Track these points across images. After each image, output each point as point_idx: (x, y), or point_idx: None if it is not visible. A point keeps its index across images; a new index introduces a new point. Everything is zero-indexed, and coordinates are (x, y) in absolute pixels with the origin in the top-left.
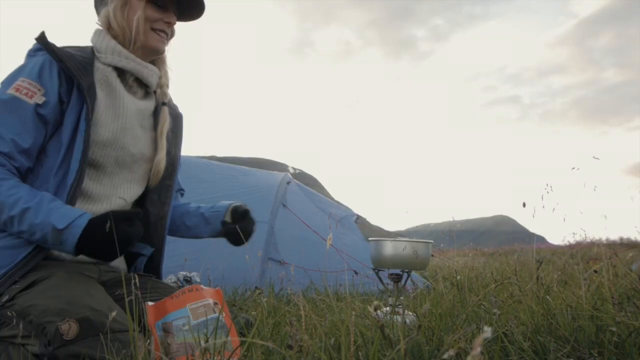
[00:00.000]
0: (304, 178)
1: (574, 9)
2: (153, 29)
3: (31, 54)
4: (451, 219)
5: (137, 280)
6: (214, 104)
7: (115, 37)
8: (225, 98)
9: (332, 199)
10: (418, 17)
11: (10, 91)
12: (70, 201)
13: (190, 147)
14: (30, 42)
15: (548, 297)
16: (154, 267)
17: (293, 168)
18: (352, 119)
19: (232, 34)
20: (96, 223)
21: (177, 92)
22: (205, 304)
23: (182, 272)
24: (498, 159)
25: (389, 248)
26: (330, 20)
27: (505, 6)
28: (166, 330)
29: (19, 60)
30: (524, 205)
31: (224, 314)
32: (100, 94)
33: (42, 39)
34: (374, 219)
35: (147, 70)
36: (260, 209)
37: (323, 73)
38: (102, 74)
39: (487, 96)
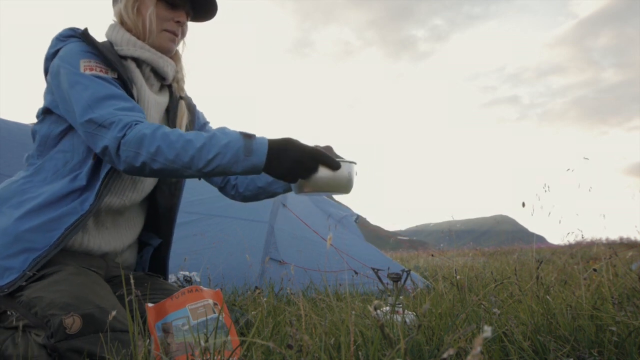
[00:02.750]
0: None
1: (574, 9)
2: (165, 30)
3: (61, 39)
4: (451, 219)
5: (132, 280)
6: (213, 104)
7: (129, 30)
8: (225, 98)
9: (332, 199)
10: (418, 17)
11: (85, 71)
12: (101, 194)
13: None
14: (28, 40)
15: (548, 297)
16: (161, 259)
17: None
18: (352, 119)
19: (232, 34)
20: (276, 138)
21: None
22: (205, 304)
23: (182, 272)
24: (498, 158)
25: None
26: (330, 20)
27: (505, 6)
28: (166, 330)
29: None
30: (524, 205)
31: (223, 314)
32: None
33: (86, 35)
34: (374, 219)
35: (162, 61)
36: (260, 209)
37: (323, 73)
38: (124, 65)
39: (487, 96)
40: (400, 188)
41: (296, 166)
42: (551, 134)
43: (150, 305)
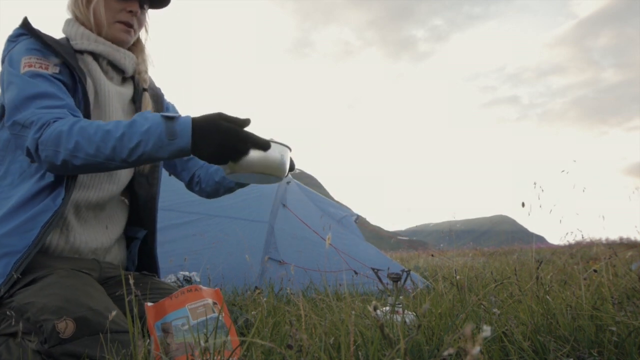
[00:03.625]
0: (303, 178)
1: (574, 9)
2: (118, 21)
3: (12, 39)
4: (451, 219)
5: (132, 280)
6: (213, 105)
7: (83, 24)
8: (226, 98)
9: (332, 198)
10: (418, 17)
11: (24, 69)
12: (69, 188)
13: None
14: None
15: (548, 297)
16: (148, 250)
17: None
18: (352, 119)
19: (232, 34)
20: (200, 117)
21: (178, 92)
22: (205, 304)
23: (182, 272)
24: (497, 158)
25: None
26: (330, 20)
27: (505, 6)
28: (165, 330)
29: None
30: (523, 205)
31: (223, 314)
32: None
33: (25, 25)
34: (374, 219)
35: (119, 54)
36: (260, 209)
37: (323, 73)
38: (80, 59)
39: (487, 96)
40: (400, 188)
41: (223, 151)
42: (551, 134)
43: (149, 304)
